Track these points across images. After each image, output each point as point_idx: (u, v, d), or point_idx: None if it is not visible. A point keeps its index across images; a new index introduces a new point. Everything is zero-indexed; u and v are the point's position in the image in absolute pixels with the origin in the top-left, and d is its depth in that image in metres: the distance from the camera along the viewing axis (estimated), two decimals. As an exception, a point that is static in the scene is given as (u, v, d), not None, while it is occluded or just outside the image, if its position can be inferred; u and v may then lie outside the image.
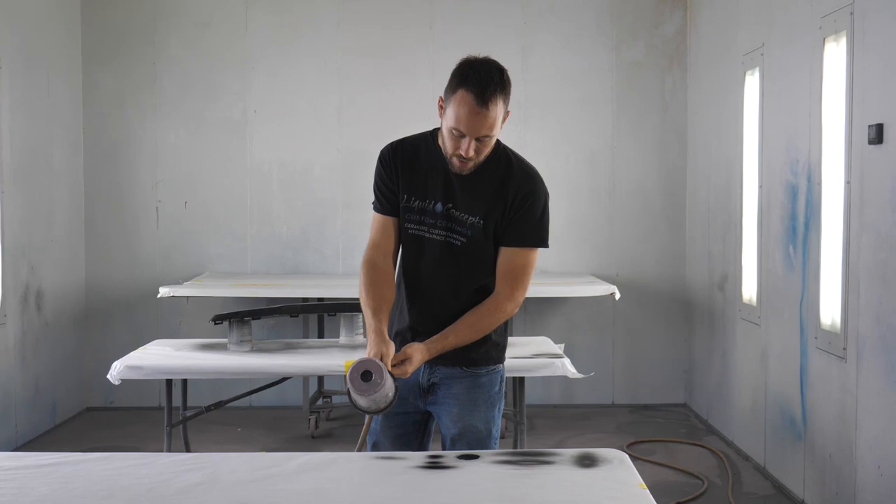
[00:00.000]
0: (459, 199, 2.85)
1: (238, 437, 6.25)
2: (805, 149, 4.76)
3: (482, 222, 2.84)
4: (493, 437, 2.94)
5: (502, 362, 3.02)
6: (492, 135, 2.73)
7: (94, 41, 6.99)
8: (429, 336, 2.82)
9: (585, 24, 7.09)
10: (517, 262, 2.88)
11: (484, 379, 2.94)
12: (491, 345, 2.93)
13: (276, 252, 7.09)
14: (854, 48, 4.20)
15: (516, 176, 2.86)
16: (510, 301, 2.86)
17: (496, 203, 2.84)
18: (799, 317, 4.83)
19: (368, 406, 2.69)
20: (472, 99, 2.65)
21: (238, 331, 4.71)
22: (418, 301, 2.93)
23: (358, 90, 7.01)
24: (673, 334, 7.16)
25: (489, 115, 2.67)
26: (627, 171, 7.12)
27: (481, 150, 2.75)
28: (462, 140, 2.71)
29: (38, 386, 6.22)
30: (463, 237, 2.85)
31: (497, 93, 2.67)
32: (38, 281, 6.23)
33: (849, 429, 4.26)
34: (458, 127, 2.69)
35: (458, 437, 2.90)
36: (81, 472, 2.55)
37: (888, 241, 3.89)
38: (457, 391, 2.88)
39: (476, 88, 2.65)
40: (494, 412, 2.96)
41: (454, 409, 2.90)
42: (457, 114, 2.68)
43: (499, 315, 2.86)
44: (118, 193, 7.04)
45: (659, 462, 5.63)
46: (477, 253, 2.87)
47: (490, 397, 2.95)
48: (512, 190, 2.84)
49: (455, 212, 2.85)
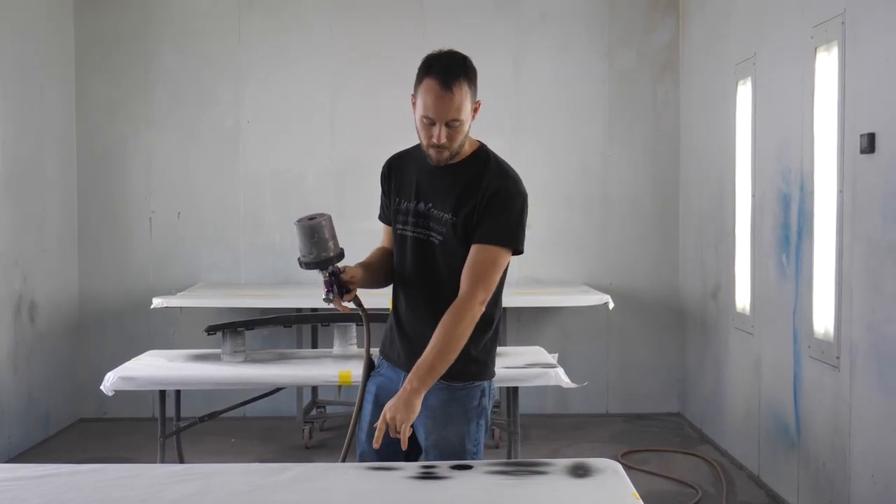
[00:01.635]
0: (436, 196, 2.89)
1: (232, 448, 6.23)
2: (797, 158, 4.78)
3: (453, 218, 2.86)
4: (468, 451, 2.88)
5: (485, 379, 2.97)
6: (460, 118, 2.77)
7: (87, 50, 6.99)
8: (415, 334, 2.89)
9: (577, 33, 7.11)
10: (480, 258, 2.82)
11: (461, 392, 2.91)
12: (469, 360, 2.88)
13: (270, 262, 7.08)
14: (846, 58, 4.22)
15: (490, 173, 2.87)
16: (471, 299, 2.78)
17: (467, 199, 2.85)
18: (792, 326, 4.84)
19: (310, 251, 2.86)
20: (437, 84, 2.74)
21: (232, 341, 4.70)
22: (405, 297, 2.99)
23: (350, 99, 7.02)
24: (666, 343, 7.16)
25: (454, 98, 2.74)
26: (620, 179, 7.14)
27: (453, 137, 2.79)
28: (433, 128, 2.78)
29: (32, 397, 6.20)
30: (440, 235, 2.88)
31: (460, 76, 2.75)
32: (31, 291, 6.21)
33: (842, 437, 4.26)
34: (427, 114, 2.77)
35: (430, 448, 2.89)
36: (74, 484, 2.54)
37: (880, 249, 3.90)
38: (432, 402, 2.84)
39: (439, 75, 2.75)
40: (471, 427, 2.91)
41: (428, 420, 2.87)
42: (424, 101, 2.77)
43: (465, 316, 2.77)
44: (111, 203, 7.03)
45: (653, 471, 5.62)
46: (452, 249, 2.87)
47: (467, 411, 2.91)
48: (483, 186, 2.84)
49: (434, 210, 2.89)
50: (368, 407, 3.01)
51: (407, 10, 7.08)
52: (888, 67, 3.87)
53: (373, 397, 3.02)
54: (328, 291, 2.92)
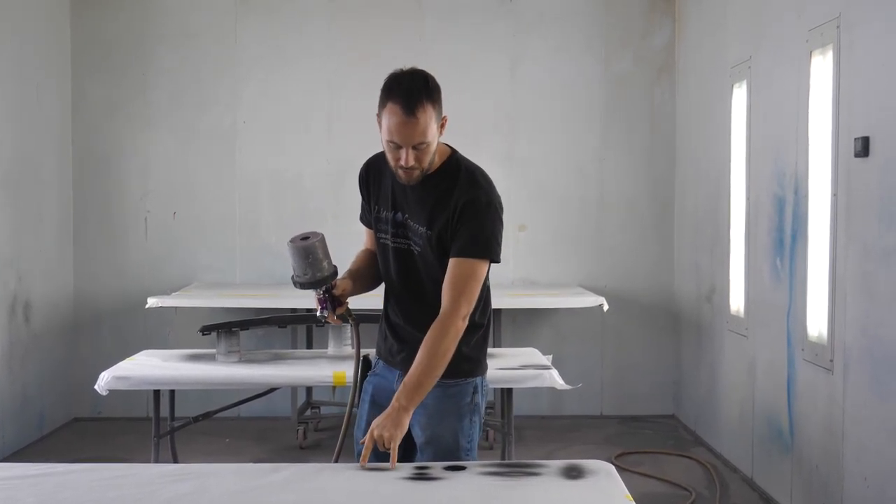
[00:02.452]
0: (412, 209, 2.91)
1: (226, 448, 6.23)
2: (792, 161, 4.79)
3: (428, 232, 2.87)
4: (462, 447, 2.91)
5: (477, 375, 2.99)
6: (427, 140, 2.76)
7: (84, 51, 6.99)
8: (408, 335, 2.93)
9: (574, 36, 7.12)
10: (457, 272, 2.83)
11: (453, 389, 2.93)
12: (461, 358, 2.90)
13: (265, 262, 7.08)
14: (840, 61, 4.23)
15: (461, 185, 2.87)
16: (453, 315, 2.80)
17: (440, 213, 2.86)
18: (786, 328, 4.85)
19: (304, 272, 2.88)
20: (400, 110, 2.72)
21: (226, 341, 4.70)
22: (395, 302, 3.03)
23: (347, 100, 7.01)
24: (661, 346, 7.17)
25: (419, 123, 2.73)
26: (616, 182, 7.15)
27: (421, 158, 2.79)
28: (400, 151, 2.77)
29: (26, 396, 6.19)
30: (418, 246, 2.91)
31: (424, 100, 2.74)
32: (27, 291, 6.21)
33: (836, 440, 4.27)
34: (393, 139, 2.76)
35: (425, 445, 2.92)
36: (69, 484, 2.55)
37: (874, 253, 3.91)
38: (426, 400, 2.85)
39: (402, 99, 2.73)
40: (464, 423, 2.94)
41: (422, 418, 2.89)
42: (388, 126, 2.75)
43: (449, 332, 2.80)
44: (107, 203, 7.03)
45: (647, 473, 5.63)
46: (430, 261, 2.90)
47: (460, 408, 2.94)
48: (454, 198, 2.85)
49: (410, 221, 2.91)
50: (365, 407, 3.04)
51: (405, 11, 7.08)
52: (883, 71, 3.88)
53: (369, 397, 3.05)
54: (322, 308, 2.97)
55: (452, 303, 2.81)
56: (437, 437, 2.90)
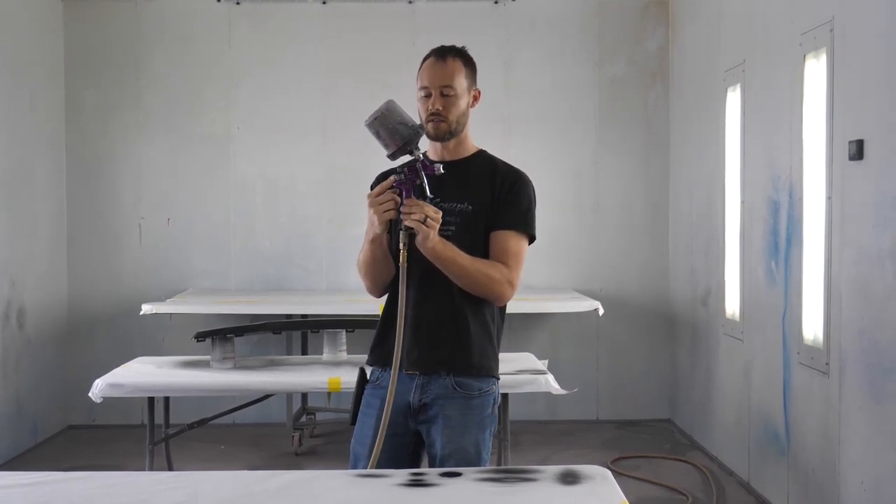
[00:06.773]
0: (447, 190, 2.92)
1: (221, 455, 6.22)
2: (786, 165, 4.79)
3: (471, 207, 2.94)
4: (482, 458, 2.94)
5: (496, 375, 3.03)
6: (454, 86, 2.92)
7: (77, 56, 6.98)
8: (424, 326, 2.90)
9: (568, 41, 7.13)
10: (510, 245, 2.95)
11: (476, 401, 2.94)
12: (492, 355, 2.98)
13: (260, 268, 7.07)
14: (834, 65, 4.23)
15: (502, 170, 3.02)
16: (510, 276, 2.93)
17: (484, 190, 2.96)
18: (781, 332, 4.85)
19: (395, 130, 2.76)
20: (433, 58, 2.95)
21: (221, 348, 4.70)
22: (414, 296, 2.89)
23: (342, 106, 7.01)
24: (656, 350, 7.17)
25: (447, 66, 2.92)
26: (610, 186, 7.15)
27: (448, 107, 2.92)
28: (429, 99, 2.92)
29: (20, 403, 6.17)
30: (452, 226, 2.92)
31: (455, 53, 2.96)
32: (20, 297, 6.19)
33: (832, 444, 4.27)
34: (423, 83, 2.93)
35: (447, 457, 2.90)
36: (62, 492, 2.53)
37: (869, 256, 3.91)
38: (449, 412, 2.88)
39: (436, 51, 2.98)
40: (485, 434, 2.97)
41: (445, 429, 2.90)
42: (421, 77, 2.95)
43: (501, 280, 2.90)
44: (101, 209, 7.02)
45: (643, 478, 5.63)
46: (466, 239, 2.90)
47: (482, 420, 2.96)
48: (498, 178, 2.98)
49: (444, 203, 2.91)
50: (370, 422, 2.94)
51: (398, 18, 7.08)
52: (877, 74, 3.88)
53: (374, 412, 2.94)
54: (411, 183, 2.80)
55: (511, 270, 2.94)
56: (461, 449, 2.90)
